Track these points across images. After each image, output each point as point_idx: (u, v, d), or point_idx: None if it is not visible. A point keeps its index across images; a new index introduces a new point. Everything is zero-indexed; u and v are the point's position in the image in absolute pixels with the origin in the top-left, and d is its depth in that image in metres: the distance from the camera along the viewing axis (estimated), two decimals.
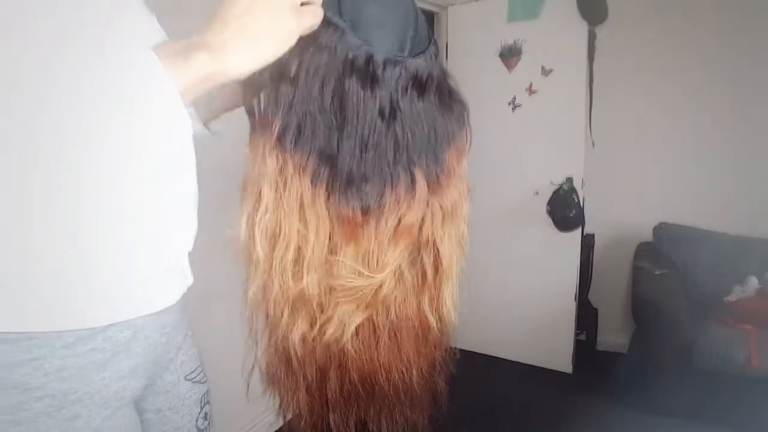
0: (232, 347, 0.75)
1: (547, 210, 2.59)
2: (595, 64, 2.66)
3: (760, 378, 1.95)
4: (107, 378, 0.60)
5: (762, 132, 2.54)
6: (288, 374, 0.67)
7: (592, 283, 2.83)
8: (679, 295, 2.32)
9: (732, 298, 2.38)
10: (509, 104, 2.72)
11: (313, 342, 0.62)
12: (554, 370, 2.70)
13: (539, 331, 2.73)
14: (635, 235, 2.81)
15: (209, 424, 0.83)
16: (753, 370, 1.96)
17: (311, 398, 0.67)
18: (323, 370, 0.66)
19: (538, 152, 2.67)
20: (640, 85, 2.74)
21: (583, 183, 2.58)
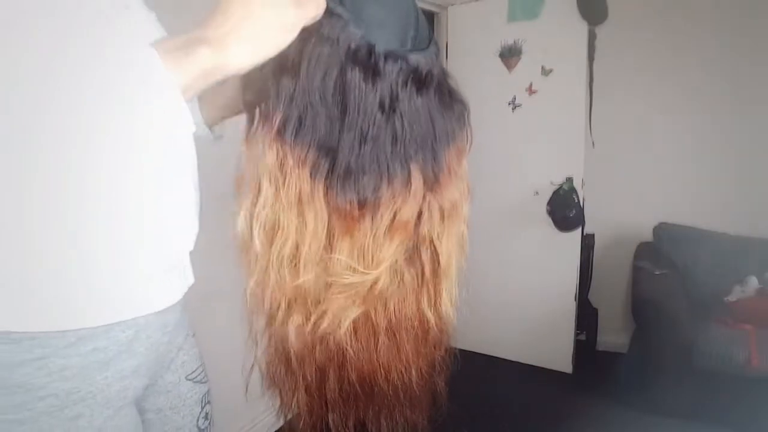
0: (233, 347, 0.75)
1: (547, 210, 2.59)
2: (595, 64, 2.66)
3: (760, 378, 1.95)
4: (109, 377, 0.60)
5: (762, 132, 2.54)
6: (288, 374, 0.67)
7: (592, 283, 2.83)
8: (679, 295, 2.32)
9: (732, 298, 2.38)
10: (509, 104, 2.72)
11: (311, 339, 0.62)
12: (554, 370, 2.70)
13: (539, 331, 2.73)
14: (635, 235, 2.81)
15: (210, 424, 0.83)
16: (753, 370, 1.96)
17: (310, 398, 0.67)
18: (322, 370, 0.66)
19: (538, 152, 2.67)
20: (640, 85, 2.74)
21: (583, 183, 2.58)
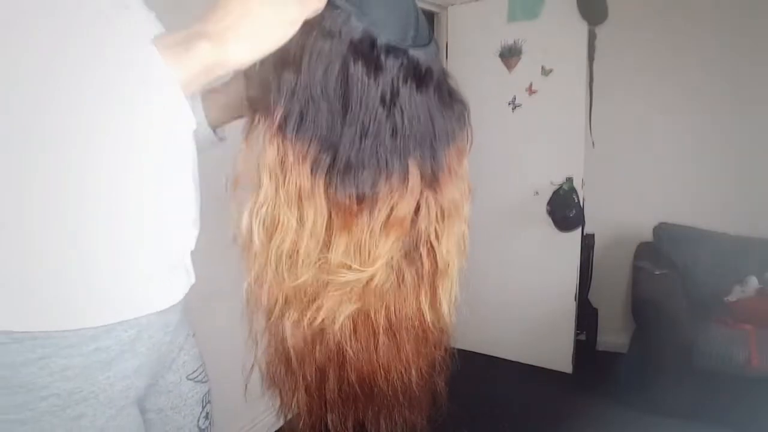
0: (233, 347, 0.75)
1: (547, 210, 2.59)
2: (595, 64, 2.66)
3: (760, 378, 1.95)
4: (112, 377, 0.60)
5: (762, 132, 2.54)
6: (287, 374, 0.67)
7: (592, 283, 2.83)
8: (679, 295, 2.31)
9: (732, 298, 2.38)
10: (509, 104, 2.72)
11: (309, 336, 0.63)
12: (554, 370, 2.70)
13: (539, 331, 2.73)
14: (635, 235, 2.81)
15: (210, 424, 0.83)
16: (753, 370, 1.96)
17: (310, 398, 0.67)
18: (322, 371, 0.66)
19: (538, 152, 2.67)
20: (640, 85, 2.74)
21: (583, 183, 2.58)
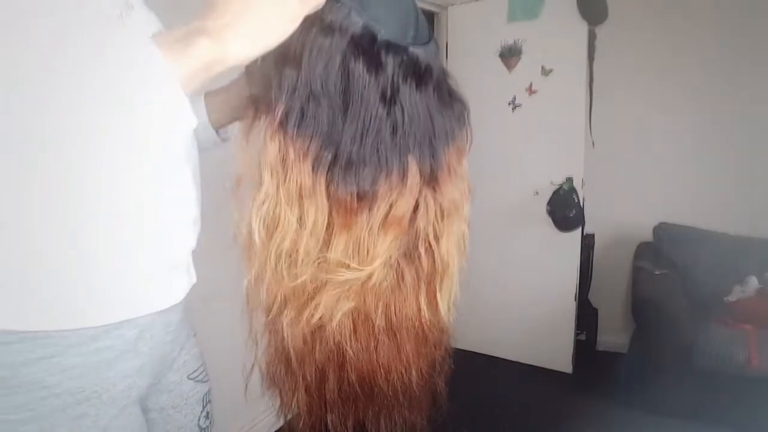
0: (233, 347, 0.75)
1: (547, 210, 2.59)
2: (595, 64, 2.66)
3: (760, 378, 1.95)
4: (114, 377, 0.60)
5: (762, 132, 2.54)
6: (288, 374, 0.67)
7: (592, 283, 2.83)
8: (679, 295, 2.31)
9: (732, 298, 2.38)
10: (509, 104, 2.72)
11: (309, 335, 0.63)
12: (554, 370, 2.70)
13: (539, 331, 2.73)
14: (635, 235, 2.81)
15: (211, 423, 0.84)
16: (753, 370, 1.95)
17: (310, 398, 0.67)
18: (322, 371, 0.66)
19: (538, 152, 2.67)
20: (640, 85, 2.74)
21: (583, 183, 2.58)
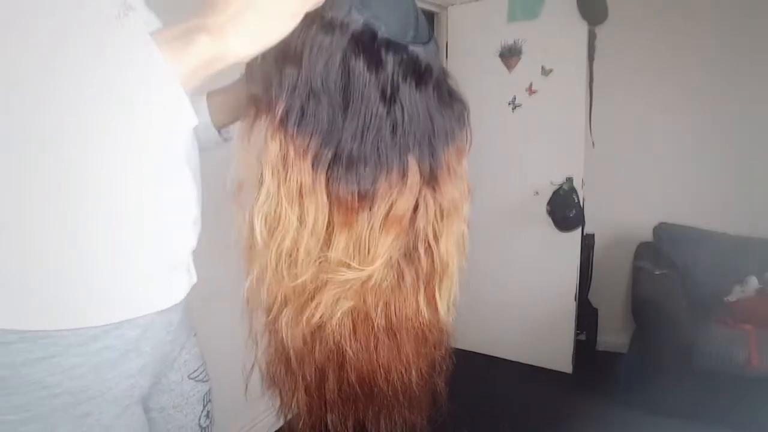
0: (233, 347, 0.75)
1: (547, 210, 2.59)
2: (595, 64, 2.66)
3: (760, 378, 1.95)
4: (117, 376, 0.61)
5: (762, 132, 2.54)
6: (287, 374, 0.67)
7: (592, 283, 2.83)
8: (679, 295, 2.31)
9: (732, 298, 2.38)
10: (509, 104, 2.72)
11: (309, 335, 0.62)
12: (554, 370, 2.70)
13: (539, 331, 2.73)
14: (635, 235, 2.81)
15: (211, 423, 0.84)
16: (753, 370, 1.95)
17: (310, 398, 0.67)
18: (322, 371, 0.66)
19: (538, 152, 2.67)
20: (640, 85, 2.74)
21: (583, 183, 2.58)
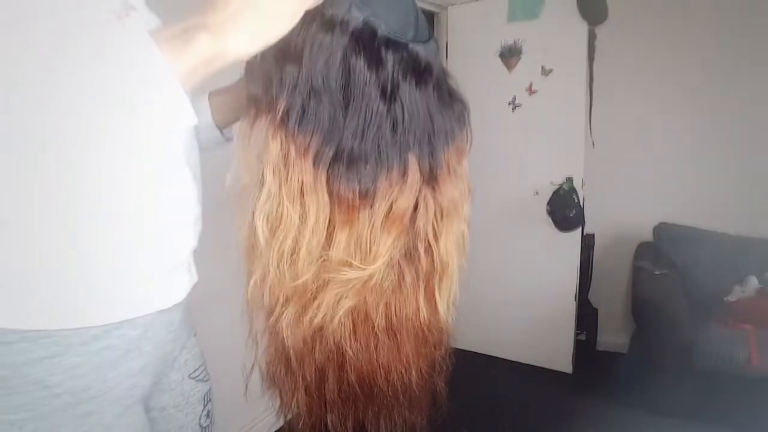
0: (233, 347, 0.75)
1: (547, 210, 2.59)
2: (595, 64, 2.66)
3: (760, 378, 1.95)
4: (119, 376, 0.61)
5: (762, 132, 2.54)
6: (287, 374, 0.67)
7: (592, 283, 2.83)
8: (679, 295, 2.31)
9: (732, 298, 2.38)
10: (509, 104, 2.72)
11: (309, 335, 0.62)
12: (554, 370, 2.70)
13: (539, 331, 2.73)
14: (635, 235, 2.81)
15: (211, 422, 0.84)
16: (753, 370, 1.96)
17: (310, 399, 0.67)
18: (322, 371, 0.66)
19: (538, 152, 2.67)
20: (640, 85, 2.74)
21: (583, 183, 2.58)
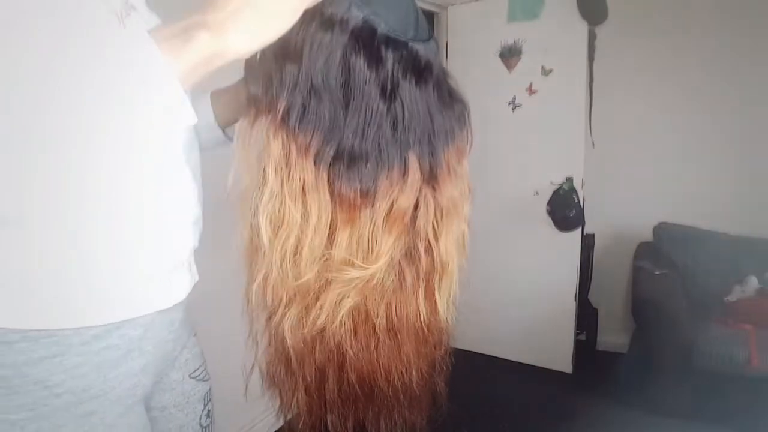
0: (233, 347, 0.75)
1: (547, 210, 2.59)
2: (595, 64, 2.66)
3: (760, 378, 1.95)
4: (120, 375, 0.61)
5: (762, 132, 2.54)
6: (287, 374, 0.67)
7: (592, 283, 2.83)
8: (679, 295, 2.31)
9: (732, 298, 2.38)
10: (509, 104, 2.72)
11: (309, 336, 0.62)
12: (554, 370, 2.70)
13: (539, 331, 2.73)
14: (635, 235, 2.81)
15: (211, 422, 0.84)
16: (753, 370, 1.96)
17: (310, 399, 0.67)
18: (322, 371, 0.66)
19: (538, 152, 2.67)
20: (640, 85, 2.74)
21: (583, 183, 2.58)
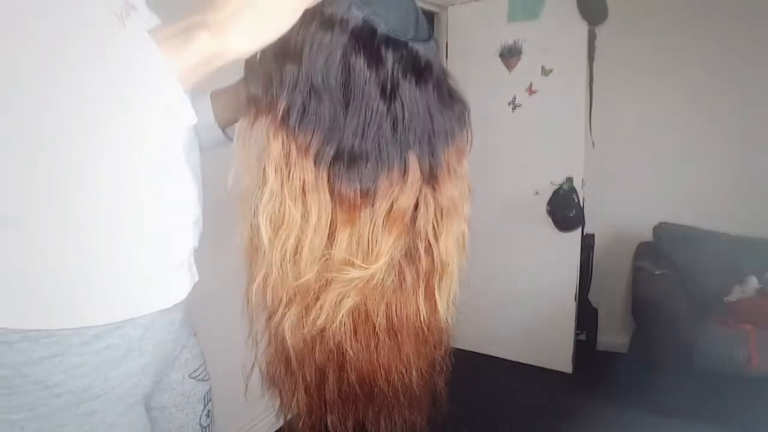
0: (233, 347, 0.75)
1: (547, 210, 2.59)
2: (595, 64, 2.66)
3: (760, 378, 1.95)
4: (121, 375, 0.61)
5: (762, 132, 2.54)
6: (287, 374, 0.67)
7: (592, 283, 2.83)
8: (679, 295, 2.31)
9: (732, 298, 2.38)
10: (509, 104, 2.72)
11: (309, 336, 0.62)
12: (554, 370, 2.70)
13: (539, 331, 2.73)
14: (635, 235, 2.81)
15: (211, 422, 0.84)
16: (753, 370, 1.96)
17: (310, 399, 0.67)
18: (322, 371, 0.66)
19: (538, 152, 2.67)
20: (640, 85, 2.74)
21: (583, 183, 2.58)
